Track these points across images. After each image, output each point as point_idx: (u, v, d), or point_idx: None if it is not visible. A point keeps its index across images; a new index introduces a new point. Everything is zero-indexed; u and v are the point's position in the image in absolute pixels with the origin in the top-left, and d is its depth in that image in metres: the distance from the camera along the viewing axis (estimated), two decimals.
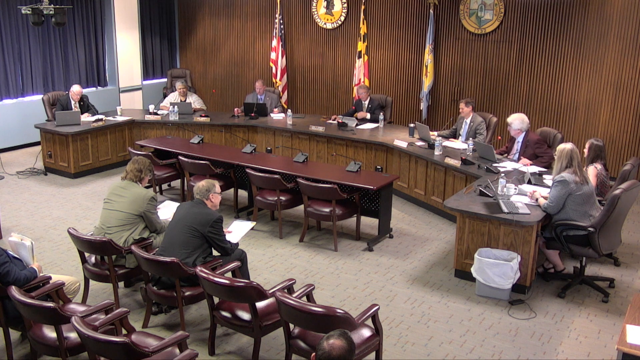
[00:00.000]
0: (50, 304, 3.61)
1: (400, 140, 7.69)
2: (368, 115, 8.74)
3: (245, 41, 11.74)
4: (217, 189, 4.83)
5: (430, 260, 6.03)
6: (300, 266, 5.86)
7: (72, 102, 8.89)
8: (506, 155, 7.05)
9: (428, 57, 9.61)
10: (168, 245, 4.63)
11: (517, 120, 6.79)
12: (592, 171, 5.77)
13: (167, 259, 4.33)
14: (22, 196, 7.79)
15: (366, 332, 3.89)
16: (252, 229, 5.41)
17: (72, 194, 7.90)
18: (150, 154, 7.32)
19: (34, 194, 7.88)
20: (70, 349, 3.73)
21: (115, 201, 5.02)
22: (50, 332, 3.83)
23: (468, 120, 7.68)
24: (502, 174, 6.00)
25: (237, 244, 4.94)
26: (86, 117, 8.81)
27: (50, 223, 6.90)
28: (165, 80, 12.29)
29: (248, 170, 6.57)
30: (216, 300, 4.30)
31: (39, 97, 9.87)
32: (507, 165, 6.65)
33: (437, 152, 7.10)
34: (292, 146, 8.58)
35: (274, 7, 10.88)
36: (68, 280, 4.44)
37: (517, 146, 6.92)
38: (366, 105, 8.91)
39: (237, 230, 5.20)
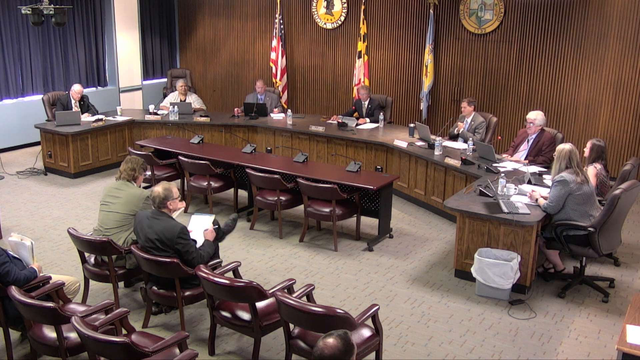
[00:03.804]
0: (50, 304, 3.61)
1: (400, 140, 7.69)
2: (368, 120, 8.75)
3: (245, 41, 11.74)
4: (174, 194, 4.48)
5: (430, 260, 6.03)
6: (300, 266, 5.86)
7: (73, 102, 8.89)
8: (513, 152, 7.01)
9: (428, 57, 9.61)
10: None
11: (541, 116, 6.78)
12: (592, 171, 5.76)
13: (167, 259, 4.34)
14: (22, 196, 7.79)
15: (366, 332, 3.89)
16: (214, 222, 4.91)
17: (72, 194, 7.90)
18: (150, 154, 7.33)
19: (34, 194, 7.88)
20: (70, 349, 3.73)
21: (111, 202, 4.99)
22: (50, 332, 3.82)
23: (469, 119, 7.69)
24: (502, 174, 6.00)
25: (218, 248, 4.82)
26: (86, 117, 8.80)
27: (50, 223, 6.90)
28: (165, 80, 12.29)
29: (248, 170, 6.57)
30: (216, 300, 4.30)
31: (39, 97, 9.87)
32: (507, 165, 6.65)
33: (437, 152, 7.10)
34: (292, 146, 8.58)
35: (274, 7, 10.88)
36: (68, 280, 4.43)
37: (526, 144, 6.90)
38: (366, 106, 8.91)
39: (197, 228, 4.85)
